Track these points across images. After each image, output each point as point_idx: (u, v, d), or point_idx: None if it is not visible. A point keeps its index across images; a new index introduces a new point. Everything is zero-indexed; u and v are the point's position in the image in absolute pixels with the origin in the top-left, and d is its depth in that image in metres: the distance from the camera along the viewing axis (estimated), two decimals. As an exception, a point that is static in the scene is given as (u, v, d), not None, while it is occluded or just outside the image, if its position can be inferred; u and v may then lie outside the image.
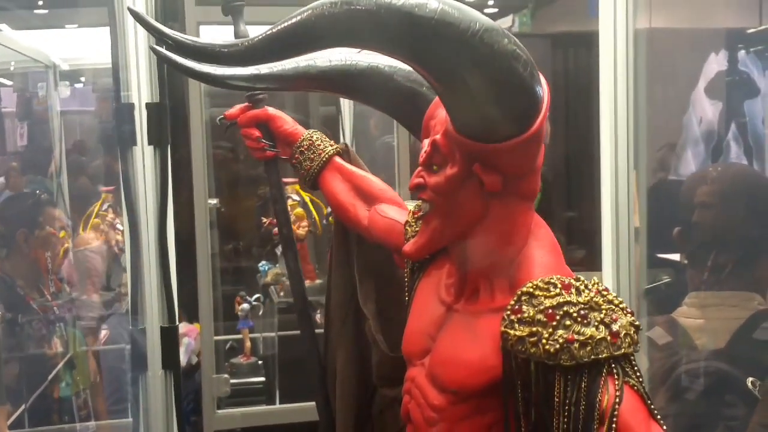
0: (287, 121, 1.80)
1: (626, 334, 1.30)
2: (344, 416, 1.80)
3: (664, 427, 1.31)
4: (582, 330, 1.27)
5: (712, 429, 2.03)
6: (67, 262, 3.57)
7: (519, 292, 1.33)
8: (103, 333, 3.64)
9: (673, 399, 2.03)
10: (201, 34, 2.95)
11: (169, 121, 2.30)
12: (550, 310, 1.29)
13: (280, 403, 3.72)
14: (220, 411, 3.52)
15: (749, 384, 1.97)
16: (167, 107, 2.30)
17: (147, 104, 2.29)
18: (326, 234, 3.90)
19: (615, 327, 1.29)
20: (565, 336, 1.28)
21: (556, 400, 1.31)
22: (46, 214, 3.42)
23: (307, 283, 3.89)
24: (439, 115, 1.39)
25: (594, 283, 1.34)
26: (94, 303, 3.55)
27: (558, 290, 1.31)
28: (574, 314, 1.28)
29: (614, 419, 1.27)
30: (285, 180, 4.13)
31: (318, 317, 4.17)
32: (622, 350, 1.29)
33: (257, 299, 3.83)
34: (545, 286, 1.31)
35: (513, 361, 1.33)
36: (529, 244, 1.39)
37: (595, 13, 2.31)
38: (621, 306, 1.33)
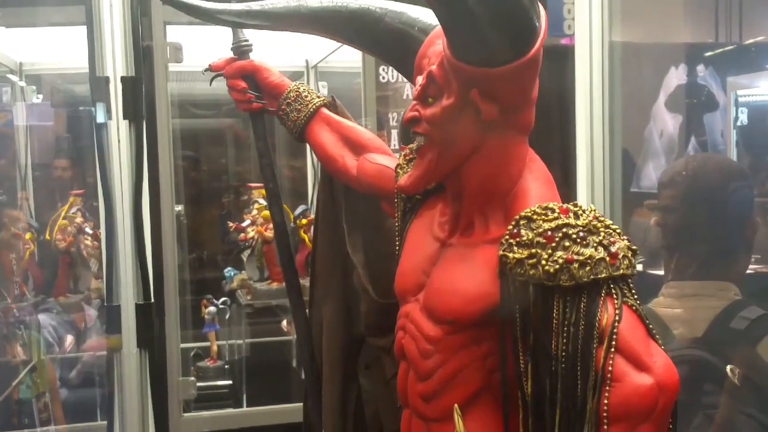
0: (273, 73, 1.80)
1: (624, 256, 1.32)
2: (330, 371, 1.78)
3: (663, 347, 1.32)
4: (581, 251, 1.29)
5: (691, 417, 2.03)
6: (32, 264, 3.51)
7: (517, 217, 1.34)
8: (69, 340, 3.57)
9: None
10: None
11: (144, 96, 2.29)
12: (549, 232, 1.30)
13: (247, 406, 3.66)
14: (186, 414, 3.46)
15: (728, 372, 1.98)
16: (143, 81, 2.29)
17: (122, 78, 2.27)
18: (294, 237, 3.88)
19: (613, 249, 1.31)
20: (564, 257, 1.29)
21: (555, 322, 1.31)
22: (7, 216, 3.35)
23: (275, 285, 3.88)
24: (432, 53, 1.41)
25: (591, 210, 1.35)
26: (61, 305, 3.48)
27: (556, 214, 1.32)
28: (573, 236, 1.30)
29: (614, 337, 1.28)
30: (251, 185, 4.14)
31: (284, 325, 4.15)
32: (621, 271, 1.31)
33: (224, 302, 3.79)
34: (543, 211, 1.33)
35: (511, 286, 1.34)
36: (524, 177, 1.41)
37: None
38: (618, 231, 1.34)
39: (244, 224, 3.98)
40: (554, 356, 1.32)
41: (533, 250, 1.30)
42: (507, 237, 1.34)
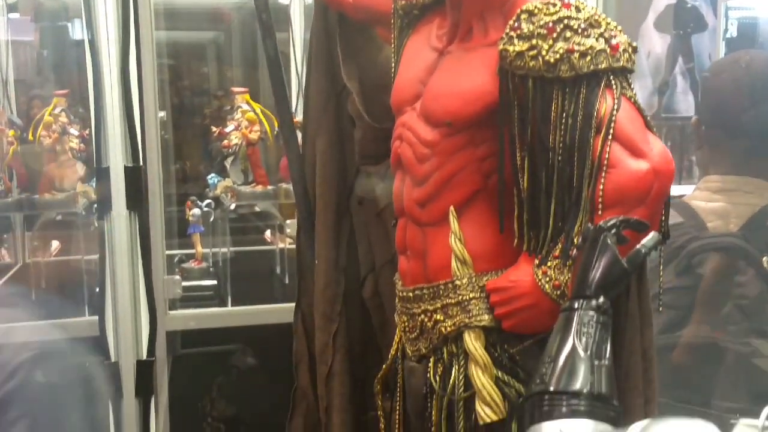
0: None
1: (625, 50, 1.33)
2: (324, 203, 1.80)
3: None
4: (582, 41, 1.31)
5: (721, 306, 2.03)
6: (17, 161, 3.47)
7: (518, 11, 1.35)
8: (54, 245, 3.54)
9: (683, 274, 2.00)
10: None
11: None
12: (551, 24, 1.32)
13: (232, 306, 3.66)
14: (172, 312, 3.46)
15: (765, 263, 1.97)
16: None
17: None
18: (277, 144, 3.86)
19: (614, 41, 1.32)
20: (564, 47, 1.30)
21: (553, 114, 1.33)
22: (-15, 109, 3.31)
23: (259, 188, 3.87)
24: None
25: (593, 7, 1.36)
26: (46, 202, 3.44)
27: (558, 8, 1.34)
28: (575, 27, 1.31)
29: (611, 125, 1.30)
30: (235, 89, 4.11)
31: (268, 236, 4.14)
32: (621, 63, 1.33)
33: (208, 205, 3.76)
34: (545, 5, 1.34)
35: (510, 81, 1.35)
36: None
37: None
38: (619, 29, 1.35)
39: (227, 129, 3.95)
40: (551, 149, 1.34)
41: (534, 42, 1.32)
42: (507, 31, 1.35)
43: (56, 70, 4.09)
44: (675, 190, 1.71)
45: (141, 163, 2.30)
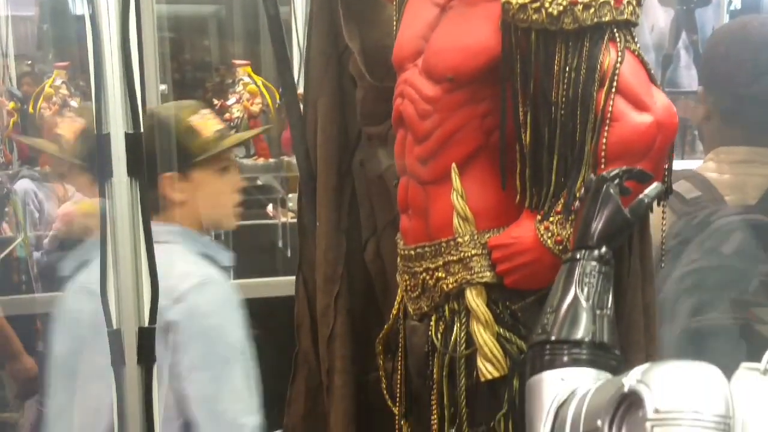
0: None
1: (629, 3, 1.32)
2: (325, 165, 1.79)
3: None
4: None
5: (746, 284, 1.97)
6: (17, 134, 3.47)
7: None
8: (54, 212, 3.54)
9: (709, 252, 1.93)
10: None
11: None
12: None
13: (233, 279, 3.65)
14: (174, 286, 3.46)
15: None
16: None
17: None
18: (279, 117, 3.85)
19: None
20: None
21: (557, 68, 1.32)
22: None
23: (261, 161, 3.86)
24: None
25: None
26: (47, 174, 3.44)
27: None
28: None
29: (615, 79, 1.29)
30: (236, 62, 4.09)
31: (270, 210, 4.14)
32: (625, 16, 1.32)
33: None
34: None
35: (513, 35, 1.34)
36: None
37: None
38: None
39: (229, 102, 3.94)
40: (554, 103, 1.34)
41: None
42: None
43: (56, 45, 4.09)
44: (679, 164, 1.71)
45: (142, 130, 2.29)
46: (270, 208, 4.10)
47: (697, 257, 1.92)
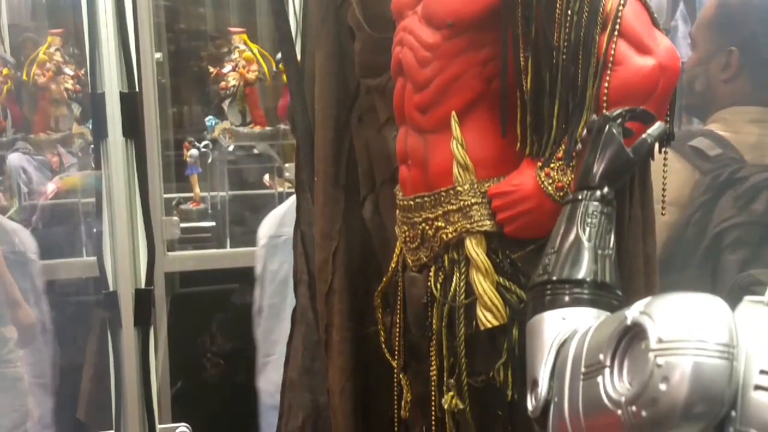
0: None
1: None
2: (323, 117, 1.77)
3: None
4: None
5: None
6: (10, 101, 3.43)
7: None
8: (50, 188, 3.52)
9: (742, 209, 1.94)
10: None
11: None
12: None
13: (230, 248, 3.65)
14: (170, 253, 3.45)
15: None
16: None
17: None
18: (275, 85, 3.83)
19: None
20: None
21: (558, 11, 1.31)
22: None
23: (257, 129, 3.84)
24: None
25: None
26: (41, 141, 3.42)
27: None
28: None
29: (617, 22, 1.28)
30: (232, 29, 4.06)
31: (266, 180, 4.11)
32: None
33: (206, 146, 3.74)
34: None
35: None
36: None
37: None
38: None
39: (224, 70, 3.91)
40: (556, 48, 1.32)
41: None
42: None
43: (50, 14, 4.05)
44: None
45: (137, 89, 2.27)
46: (267, 178, 4.08)
47: (731, 214, 1.93)
